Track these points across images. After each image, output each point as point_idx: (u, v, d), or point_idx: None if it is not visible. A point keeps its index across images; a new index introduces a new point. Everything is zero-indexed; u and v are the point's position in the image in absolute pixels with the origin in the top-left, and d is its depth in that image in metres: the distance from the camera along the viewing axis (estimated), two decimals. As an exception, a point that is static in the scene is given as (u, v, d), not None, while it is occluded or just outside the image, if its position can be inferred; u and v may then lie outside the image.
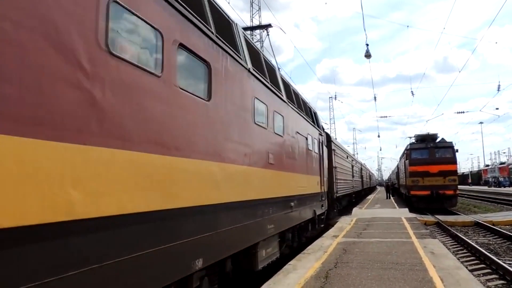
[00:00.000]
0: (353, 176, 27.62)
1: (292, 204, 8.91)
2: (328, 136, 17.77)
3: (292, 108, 9.61)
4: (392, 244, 9.67)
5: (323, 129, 16.15)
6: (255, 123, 6.48)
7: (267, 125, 7.23)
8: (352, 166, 27.88)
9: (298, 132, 9.96)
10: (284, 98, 8.86)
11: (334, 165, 17.88)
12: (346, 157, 24.28)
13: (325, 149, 15.46)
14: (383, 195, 41.20)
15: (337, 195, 18.33)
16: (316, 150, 12.73)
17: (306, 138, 11.08)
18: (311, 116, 12.84)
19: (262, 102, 6.97)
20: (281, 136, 8.28)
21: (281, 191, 8.01)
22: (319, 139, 13.48)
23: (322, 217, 14.08)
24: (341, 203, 21.40)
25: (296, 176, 9.50)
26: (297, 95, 10.97)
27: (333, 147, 18.21)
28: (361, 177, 38.45)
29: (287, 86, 9.77)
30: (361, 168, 40.22)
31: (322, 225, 14.26)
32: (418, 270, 6.84)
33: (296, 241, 10.40)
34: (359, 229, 13.08)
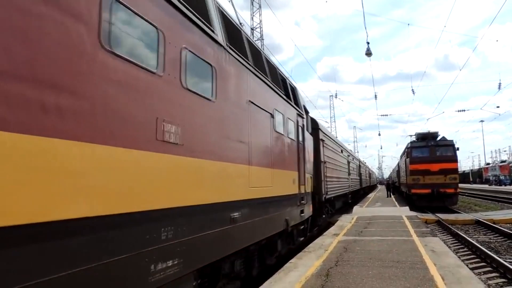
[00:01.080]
0: (349, 174, 24.11)
1: (236, 215, 5.41)
2: (314, 122, 14.00)
3: (241, 63, 6.03)
4: (393, 242, 9.68)
5: (307, 111, 12.28)
6: (111, 52, 3.13)
7: (161, 69, 3.80)
8: (349, 162, 24.62)
9: (253, 103, 6.37)
10: (221, 40, 5.36)
11: (323, 160, 14.25)
12: (340, 151, 20.70)
13: (308, 137, 11.91)
14: (383, 193, 41.22)
15: (327, 196, 14.73)
16: (292, 136, 9.21)
17: (272, 116, 7.45)
18: (285, 89, 9.18)
19: (141, 17, 3.56)
20: (208, 99, 4.75)
21: (202, 195, 4.52)
22: (297, 122, 9.85)
23: (303, 226, 10.57)
24: (333, 205, 18.13)
25: (246, 169, 5.93)
26: (257, 50, 7.39)
27: (321, 137, 14.41)
28: (359, 175, 34.62)
29: (233, 28, 6.21)
30: (359, 165, 36.13)
31: (302, 238, 10.74)
32: (419, 268, 6.85)
33: (256, 266, 7.18)
34: (360, 227, 13.08)
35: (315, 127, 14.00)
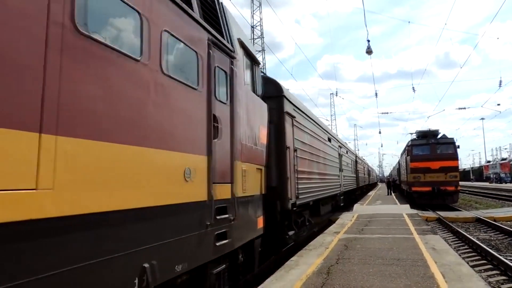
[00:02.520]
0: (341, 170, 18.94)
1: None
2: (275, 86, 9.00)
3: None
4: (393, 240, 9.69)
5: (255, 60, 7.22)
6: None
7: None
8: (340, 156, 19.30)
9: None
10: None
11: (290, 145, 9.05)
12: (327, 139, 15.30)
13: (256, 102, 6.94)
14: (384, 191, 41.24)
15: (300, 201, 9.71)
16: (190, 80, 4.50)
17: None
18: None
19: None
20: None
21: None
22: (208, 58, 4.99)
23: (222, 267, 5.29)
24: (318, 211, 13.23)
25: None
26: None
27: (287, 109, 9.07)
28: (356, 171, 29.05)
29: None
30: (356, 161, 30.27)
31: None
32: (420, 266, 6.86)
33: None
34: (361, 225, 13.10)
35: (277, 93, 8.82)
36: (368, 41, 20.56)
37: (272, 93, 8.62)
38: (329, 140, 16.06)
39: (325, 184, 14.13)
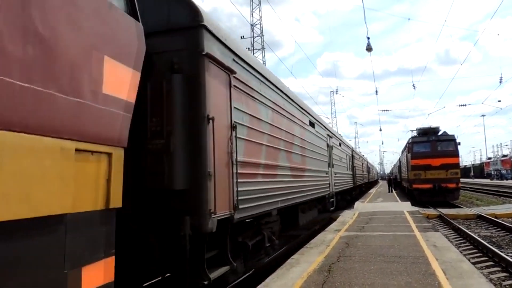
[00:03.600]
0: (331, 166, 15.06)
1: None
2: (185, 7, 4.97)
3: None
4: (394, 238, 9.69)
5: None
6: None
7: None
8: (331, 148, 15.57)
9: None
10: None
11: (221, 117, 5.20)
12: (307, 122, 11.49)
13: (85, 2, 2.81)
14: (385, 188, 41.25)
15: (242, 215, 5.68)
16: None
17: None
18: None
19: None
20: None
21: None
22: None
23: None
24: (295, 222, 10.49)
25: None
26: None
27: (209, 50, 4.96)
28: (352, 168, 24.51)
29: None
30: (352, 156, 25.44)
31: None
32: (421, 263, 6.86)
33: None
34: (362, 223, 13.10)
35: (189, 22, 4.97)
36: (368, 38, 20.55)
37: (179, 21, 5.00)
38: (312, 124, 11.98)
39: (304, 184, 10.23)
